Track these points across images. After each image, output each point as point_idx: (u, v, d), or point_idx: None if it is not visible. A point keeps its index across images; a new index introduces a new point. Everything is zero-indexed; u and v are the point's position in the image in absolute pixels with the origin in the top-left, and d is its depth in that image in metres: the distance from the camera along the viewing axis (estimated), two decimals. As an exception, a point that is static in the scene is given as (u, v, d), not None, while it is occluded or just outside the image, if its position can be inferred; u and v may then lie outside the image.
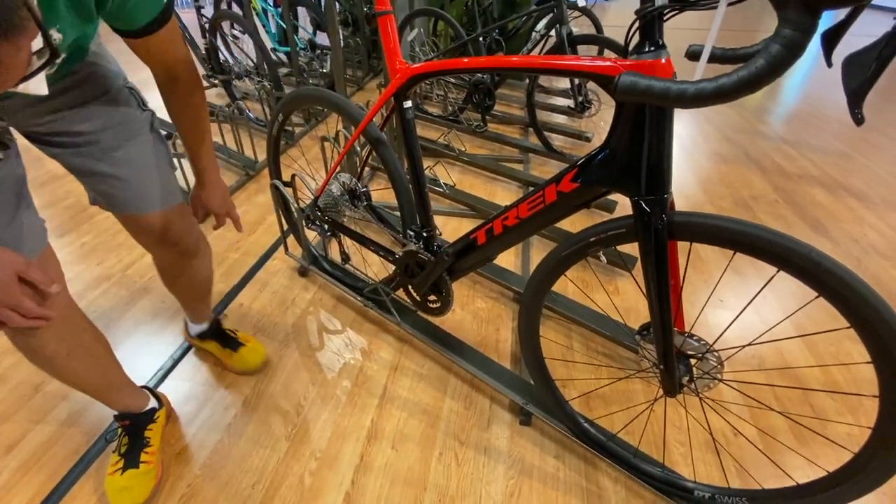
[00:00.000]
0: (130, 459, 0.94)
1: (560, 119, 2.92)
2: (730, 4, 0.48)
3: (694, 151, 2.52)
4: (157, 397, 1.06)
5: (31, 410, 1.10)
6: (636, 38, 0.60)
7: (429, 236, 1.04)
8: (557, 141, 2.55)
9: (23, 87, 0.44)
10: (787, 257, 0.60)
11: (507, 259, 1.63)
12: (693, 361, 0.80)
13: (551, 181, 0.75)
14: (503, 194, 2.08)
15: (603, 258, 0.81)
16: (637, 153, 0.64)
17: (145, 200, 0.83)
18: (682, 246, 0.88)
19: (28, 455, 1.00)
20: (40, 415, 1.09)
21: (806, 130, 2.84)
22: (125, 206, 0.82)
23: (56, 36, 0.53)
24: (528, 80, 2.87)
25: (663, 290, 0.70)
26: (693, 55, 0.68)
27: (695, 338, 0.78)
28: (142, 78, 0.93)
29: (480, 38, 2.35)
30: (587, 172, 0.70)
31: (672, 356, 0.75)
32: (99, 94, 0.74)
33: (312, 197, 1.26)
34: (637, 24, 0.59)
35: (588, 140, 2.56)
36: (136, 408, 0.99)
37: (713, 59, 0.66)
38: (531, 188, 0.89)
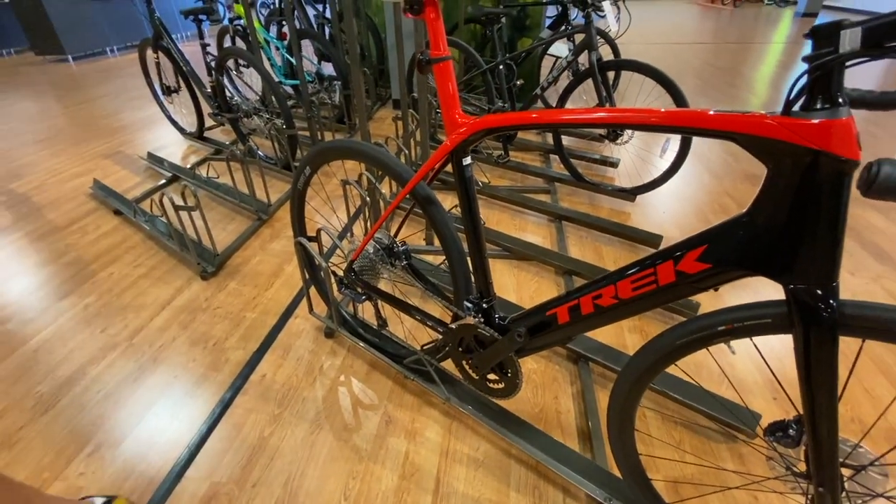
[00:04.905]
0: None
1: (580, 143, 2.80)
2: None
3: (721, 170, 2.38)
4: (105, 496, 0.92)
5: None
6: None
7: (489, 307, 0.89)
8: (582, 167, 2.42)
9: None
10: None
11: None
12: (846, 472, 0.64)
13: (667, 256, 0.60)
14: (534, 229, 1.94)
15: (732, 350, 0.67)
16: (800, 231, 0.50)
17: None
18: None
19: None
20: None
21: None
22: None
23: None
24: (555, 107, 2.77)
25: (826, 397, 0.55)
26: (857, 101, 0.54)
27: (849, 443, 0.62)
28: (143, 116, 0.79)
29: (500, 67, 2.24)
30: (721, 250, 0.56)
31: (836, 473, 0.59)
32: None
33: (345, 259, 1.11)
34: (807, 75, 0.46)
35: (615, 166, 2.43)
36: None
37: (856, 103, 0.53)
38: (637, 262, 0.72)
